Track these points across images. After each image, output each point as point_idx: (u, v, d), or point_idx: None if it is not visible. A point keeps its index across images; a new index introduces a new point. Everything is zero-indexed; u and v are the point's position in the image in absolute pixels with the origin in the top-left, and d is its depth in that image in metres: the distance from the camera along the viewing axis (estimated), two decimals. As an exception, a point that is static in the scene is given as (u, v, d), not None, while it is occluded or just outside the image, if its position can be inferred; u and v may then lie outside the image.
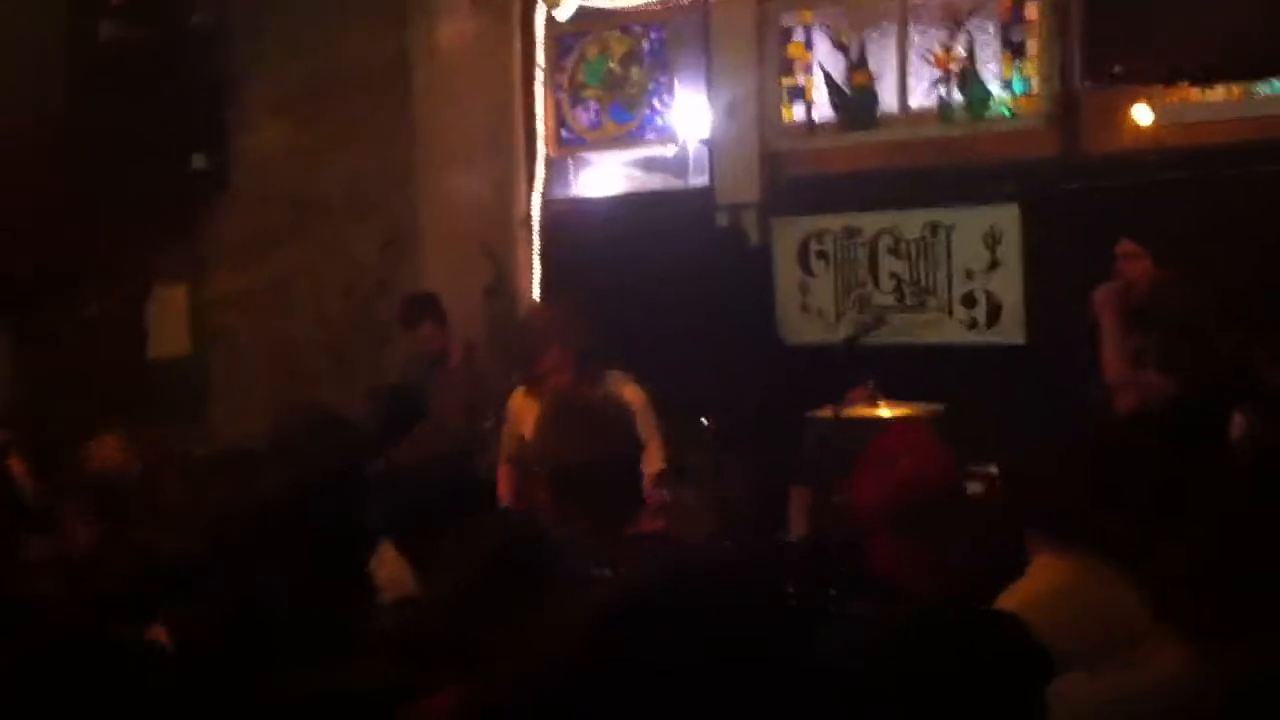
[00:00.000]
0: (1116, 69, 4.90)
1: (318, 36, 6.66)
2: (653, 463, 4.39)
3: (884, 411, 4.63)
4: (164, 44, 5.87)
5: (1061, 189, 5.58)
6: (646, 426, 4.68)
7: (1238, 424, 3.99)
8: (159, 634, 2.26)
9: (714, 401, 5.11)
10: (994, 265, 5.72)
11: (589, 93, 6.86)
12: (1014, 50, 5.78)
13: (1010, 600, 2.72)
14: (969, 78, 5.87)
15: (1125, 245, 4.66)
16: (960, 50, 5.88)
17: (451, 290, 6.43)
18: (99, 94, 5.64)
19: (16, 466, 3.96)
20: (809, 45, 6.27)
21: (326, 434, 2.91)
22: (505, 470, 5.00)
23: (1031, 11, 5.73)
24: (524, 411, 5.21)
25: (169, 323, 6.33)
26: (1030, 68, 5.75)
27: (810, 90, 6.27)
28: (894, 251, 5.97)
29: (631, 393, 4.92)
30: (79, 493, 3.51)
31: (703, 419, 4.99)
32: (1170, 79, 5.28)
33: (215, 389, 6.71)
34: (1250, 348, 3.18)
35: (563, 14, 6.64)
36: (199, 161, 6.05)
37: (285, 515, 2.44)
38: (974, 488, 3.79)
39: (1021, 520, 3.04)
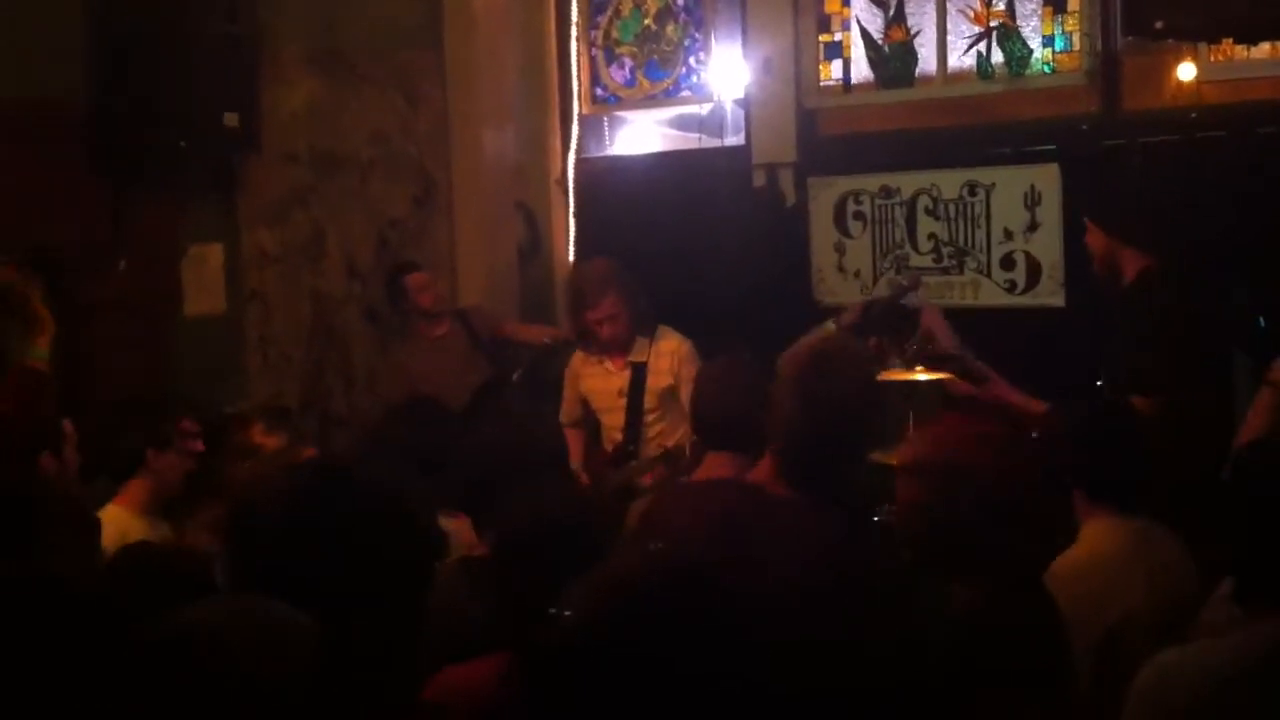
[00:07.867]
0: (1158, 24, 4.78)
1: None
2: None
3: (920, 375, 4.58)
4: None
5: (1102, 147, 5.51)
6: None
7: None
8: None
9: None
10: (1033, 226, 5.65)
11: (623, 50, 6.80)
12: (1055, 6, 5.69)
13: (1066, 565, 2.72)
14: (1008, 34, 5.80)
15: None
16: (1000, 6, 5.81)
17: (484, 247, 6.40)
18: (132, 55, 5.62)
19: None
20: (846, 1, 6.20)
21: None
22: (572, 434, 4.88)
23: (1073, -34, 5.66)
24: (584, 374, 5.20)
25: (205, 281, 6.33)
26: (1071, 23, 5.66)
27: (848, 47, 6.20)
28: (932, 212, 5.89)
29: (678, 344, 4.95)
30: None
31: None
32: (1214, 35, 5.18)
33: (249, 346, 6.72)
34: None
35: (596, -30, 6.58)
36: (231, 120, 6.00)
37: None
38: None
39: (1068, 484, 3.04)
